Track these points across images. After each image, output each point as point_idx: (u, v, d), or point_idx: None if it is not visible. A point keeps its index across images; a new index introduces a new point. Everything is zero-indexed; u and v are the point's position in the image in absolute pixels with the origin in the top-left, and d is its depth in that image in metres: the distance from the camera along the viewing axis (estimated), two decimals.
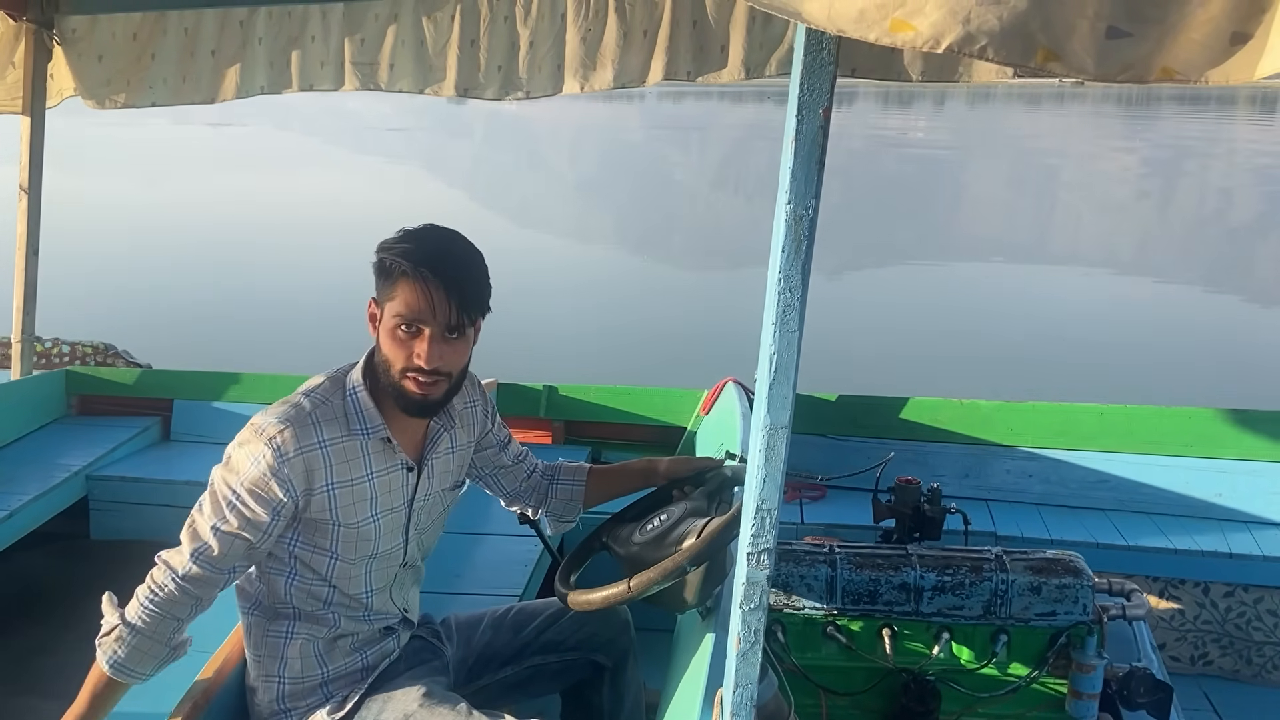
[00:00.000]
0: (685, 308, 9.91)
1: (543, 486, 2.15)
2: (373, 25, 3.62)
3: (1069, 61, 0.92)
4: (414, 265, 1.63)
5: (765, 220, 4.84)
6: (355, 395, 1.75)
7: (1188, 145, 32.33)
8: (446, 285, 1.64)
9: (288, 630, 1.83)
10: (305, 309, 9.08)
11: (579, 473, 2.16)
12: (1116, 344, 8.57)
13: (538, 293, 10.07)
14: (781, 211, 1.16)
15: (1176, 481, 3.57)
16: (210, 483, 1.73)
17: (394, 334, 1.67)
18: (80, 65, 3.87)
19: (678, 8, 3.43)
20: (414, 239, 1.68)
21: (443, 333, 1.67)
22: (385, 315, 1.69)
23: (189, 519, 1.73)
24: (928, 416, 3.73)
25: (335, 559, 1.78)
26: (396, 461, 1.80)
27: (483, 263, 1.73)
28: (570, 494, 2.15)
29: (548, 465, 2.18)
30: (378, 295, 1.71)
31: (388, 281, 1.67)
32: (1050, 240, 15.17)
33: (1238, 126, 43.76)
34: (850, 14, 0.94)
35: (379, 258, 1.69)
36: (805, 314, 1.21)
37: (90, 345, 4.88)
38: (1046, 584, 2.14)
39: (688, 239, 15.39)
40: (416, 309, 1.65)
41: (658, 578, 1.69)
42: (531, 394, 3.98)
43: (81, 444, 3.92)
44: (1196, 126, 41.89)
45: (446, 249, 1.69)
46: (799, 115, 1.13)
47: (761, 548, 1.31)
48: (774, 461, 1.27)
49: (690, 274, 12.34)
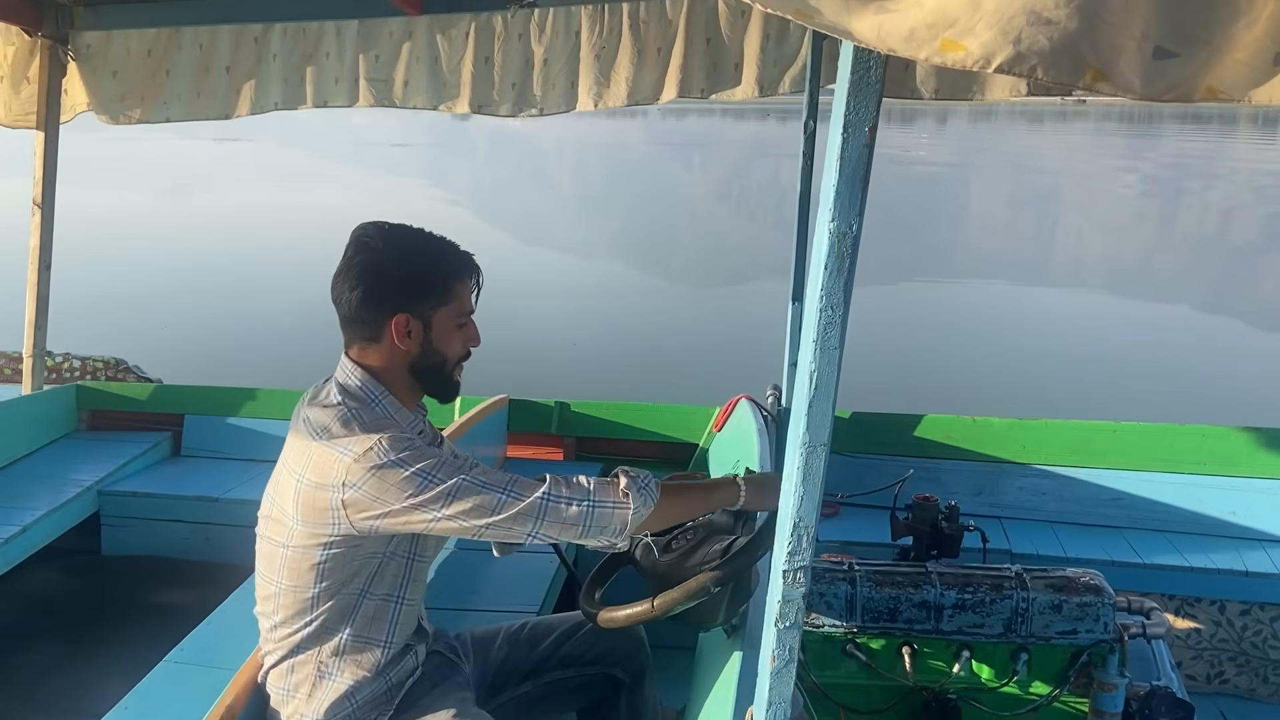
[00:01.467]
0: (692, 323, 9.91)
1: None
2: (387, 42, 3.63)
3: (1117, 81, 0.93)
4: (461, 268, 1.76)
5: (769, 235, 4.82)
6: (382, 403, 1.75)
7: (1190, 164, 32.41)
8: (476, 276, 1.81)
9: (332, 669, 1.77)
10: (316, 324, 9.06)
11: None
12: (1122, 360, 8.56)
13: (547, 308, 10.10)
14: (824, 229, 1.16)
15: (1191, 499, 3.56)
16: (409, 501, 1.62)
17: (454, 332, 1.78)
18: (94, 81, 3.88)
19: (692, 26, 3.44)
20: (434, 248, 1.77)
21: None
22: (441, 319, 1.76)
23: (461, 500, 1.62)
24: (940, 434, 3.72)
25: (412, 561, 1.80)
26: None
27: None
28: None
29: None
30: (416, 308, 1.74)
31: (432, 290, 1.74)
32: (1054, 258, 15.18)
33: (1239, 145, 43.85)
34: (900, 33, 0.95)
35: (415, 272, 1.74)
36: (846, 332, 1.21)
37: (101, 360, 4.88)
38: (1067, 602, 2.14)
39: (693, 254, 15.40)
40: (470, 302, 1.79)
41: (681, 597, 1.68)
42: (543, 410, 3.98)
43: (92, 459, 3.92)
44: (1199, 145, 41.98)
45: (463, 251, 1.80)
46: (845, 133, 1.13)
47: (798, 565, 1.30)
48: (812, 479, 1.26)
49: (696, 289, 12.35)
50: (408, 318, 1.73)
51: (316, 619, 1.74)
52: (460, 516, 1.62)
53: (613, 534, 1.68)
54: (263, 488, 1.80)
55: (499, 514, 1.63)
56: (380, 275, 1.72)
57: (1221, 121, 60.91)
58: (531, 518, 1.64)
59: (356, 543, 1.69)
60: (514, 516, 1.63)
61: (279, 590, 1.74)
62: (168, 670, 2.28)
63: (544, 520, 1.64)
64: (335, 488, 1.63)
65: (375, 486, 1.61)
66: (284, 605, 1.75)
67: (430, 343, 1.76)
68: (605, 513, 1.66)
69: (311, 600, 1.73)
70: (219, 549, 3.64)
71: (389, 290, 1.72)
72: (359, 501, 1.62)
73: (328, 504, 1.64)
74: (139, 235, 15.05)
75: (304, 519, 1.67)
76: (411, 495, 1.61)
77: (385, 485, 1.61)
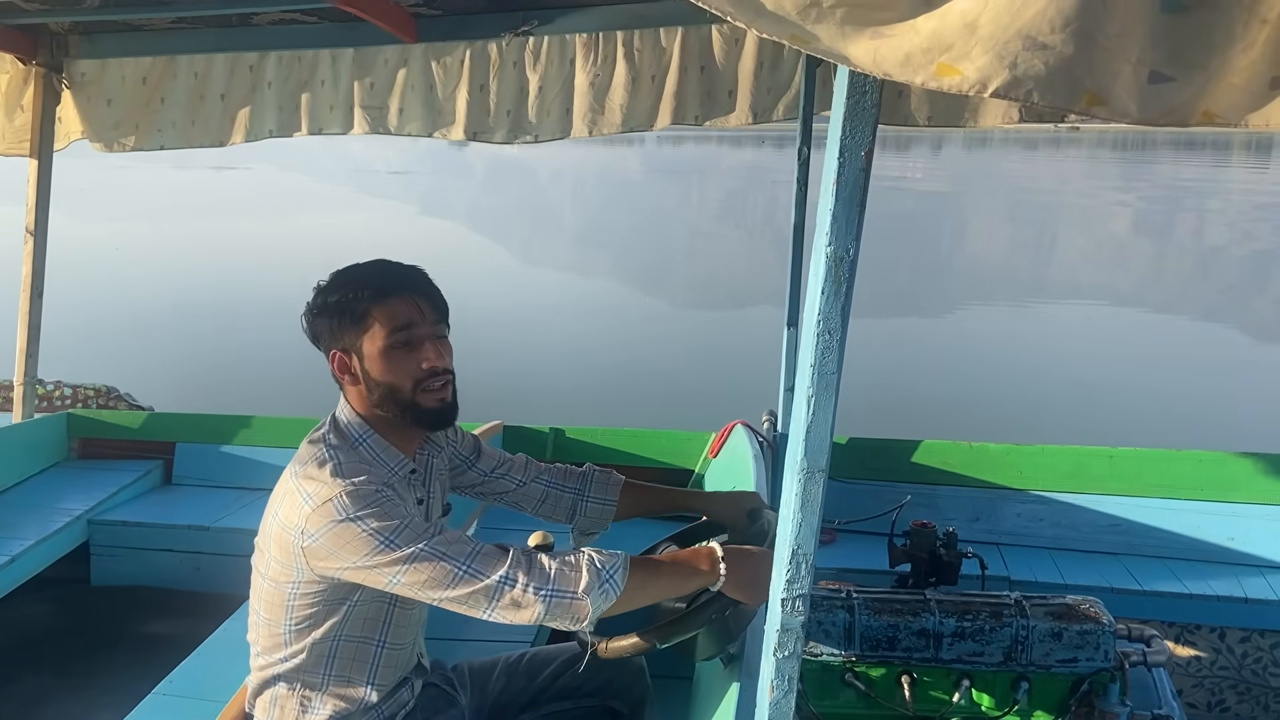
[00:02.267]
0: (688, 348, 9.90)
1: (566, 499, 2.06)
2: (382, 69, 3.64)
3: (1113, 105, 0.94)
4: (377, 290, 1.67)
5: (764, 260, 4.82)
6: (366, 442, 1.71)
7: (1185, 189, 32.62)
8: (418, 289, 1.69)
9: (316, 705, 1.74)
10: (309, 352, 9.05)
11: (611, 489, 2.08)
12: (1121, 387, 8.56)
13: (542, 333, 10.09)
14: (821, 253, 1.16)
15: (1188, 525, 3.55)
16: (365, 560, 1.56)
17: (391, 355, 1.67)
18: (89, 109, 3.88)
19: (686, 53, 3.45)
20: (354, 275, 1.71)
21: (434, 333, 1.70)
22: (369, 347, 1.67)
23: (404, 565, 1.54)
24: (937, 459, 3.71)
25: (394, 606, 1.73)
26: (414, 495, 1.78)
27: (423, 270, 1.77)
28: (600, 512, 2.06)
29: (571, 471, 2.09)
30: (344, 343, 1.70)
31: (354, 319, 1.67)
32: (1049, 283, 15.22)
33: (1233, 171, 44.17)
34: (896, 58, 0.95)
35: (331, 305, 1.69)
36: (844, 356, 1.20)
37: (92, 388, 4.86)
38: (1068, 629, 2.12)
39: (689, 279, 15.43)
40: (407, 318, 1.67)
41: (682, 629, 1.66)
42: (538, 436, 3.96)
43: (83, 488, 3.89)
44: (1193, 171, 42.28)
45: (389, 268, 1.72)
46: (841, 158, 1.13)
47: (796, 594, 1.29)
48: (810, 506, 1.25)
49: (691, 314, 12.35)
50: (337, 354, 1.71)
51: (294, 655, 1.71)
52: (415, 586, 1.56)
53: (572, 623, 1.59)
54: (254, 516, 1.77)
55: (454, 588, 1.55)
56: (311, 317, 1.72)
57: (1215, 148, 61.39)
58: (487, 599, 1.55)
59: (322, 586, 1.64)
60: (470, 594, 1.55)
61: (259, 621, 1.73)
62: (156, 702, 2.25)
63: (497, 604, 1.55)
64: (296, 533, 1.59)
65: (332, 540, 1.56)
66: (263, 636, 1.73)
67: (368, 374, 1.69)
68: (564, 604, 1.56)
69: (286, 636, 1.70)
70: (210, 579, 3.61)
71: (318, 330, 1.72)
72: (317, 551, 1.58)
73: (290, 547, 1.60)
74: (134, 263, 15.04)
75: (276, 556, 1.65)
76: (367, 555, 1.54)
77: (342, 541, 1.55)
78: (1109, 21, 0.91)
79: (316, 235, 18.89)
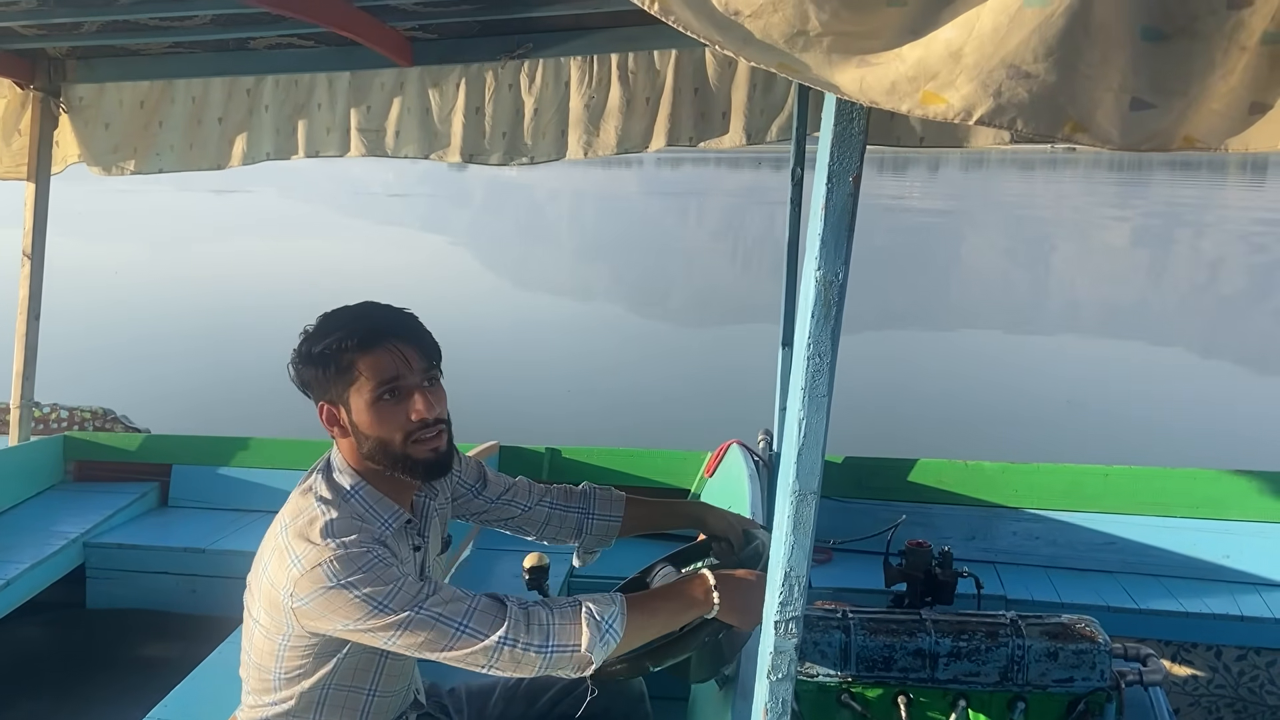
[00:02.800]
0: (684, 367, 9.91)
1: (570, 519, 2.05)
2: (379, 93, 3.67)
3: (1095, 133, 0.95)
4: (362, 339, 1.61)
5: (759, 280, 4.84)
6: (359, 495, 1.66)
7: (1181, 210, 32.74)
8: (402, 338, 1.63)
9: None
10: None
11: (614, 506, 2.07)
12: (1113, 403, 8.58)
13: (538, 354, 10.10)
14: (810, 277, 1.17)
15: (1184, 543, 3.55)
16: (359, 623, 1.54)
17: (379, 408, 1.62)
18: (86, 133, 3.91)
19: (680, 76, 3.48)
20: (339, 323, 1.65)
21: (424, 382, 1.64)
22: (356, 400, 1.63)
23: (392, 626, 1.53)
24: (932, 478, 3.71)
25: (385, 657, 1.70)
26: (409, 545, 1.74)
27: (411, 313, 1.71)
28: (605, 529, 2.06)
29: (571, 490, 2.08)
30: (331, 395, 1.65)
31: (340, 370, 1.62)
32: (1045, 303, 15.26)
33: (1228, 191, 44.37)
34: (882, 86, 0.97)
35: (315, 356, 1.64)
36: (835, 379, 1.21)
37: (89, 410, 4.85)
38: (1063, 649, 2.12)
39: (685, 299, 15.46)
40: (393, 369, 1.61)
41: (677, 651, 1.66)
42: (534, 456, 3.96)
43: (79, 510, 3.88)
44: (1189, 191, 42.46)
45: (375, 313, 1.67)
46: (829, 183, 1.14)
47: (789, 616, 1.29)
48: (803, 528, 1.26)
49: (687, 333, 12.37)
50: (325, 406, 1.67)
51: (283, 700, 1.69)
52: (412, 647, 1.55)
53: (574, 673, 1.60)
54: (252, 539, 1.74)
55: (453, 649, 1.54)
56: (298, 368, 1.67)
57: (1211, 169, 61.65)
58: (485, 657, 1.55)
59: (313, 641, 1.62)
60: (468, 654, 1.54)
61: (250, 662, 1.71)
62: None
63: (498, 660, 1.55)
64: (286, 594, 1.56)
65: (322, 605, 1.54)
66: (253, 678, 1.71)
67: (357, 427, 1.64)
68: (564, 657, 1.56)
69: (275, 683, 1.68)
70: (206, 601, 3.60)
71: (305, 379, 1.67)
72: (307, 613, 1.56)
73: (280, 605, 1.58)
74: (131, 285, 15.06)
75: (266, 609, 1.62)
76: (360, 619, 1.53)
77: (332, 606, 1.53)
78: (1090, 50, 0.93)
79: (315, 258, 18.94)
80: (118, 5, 3.01)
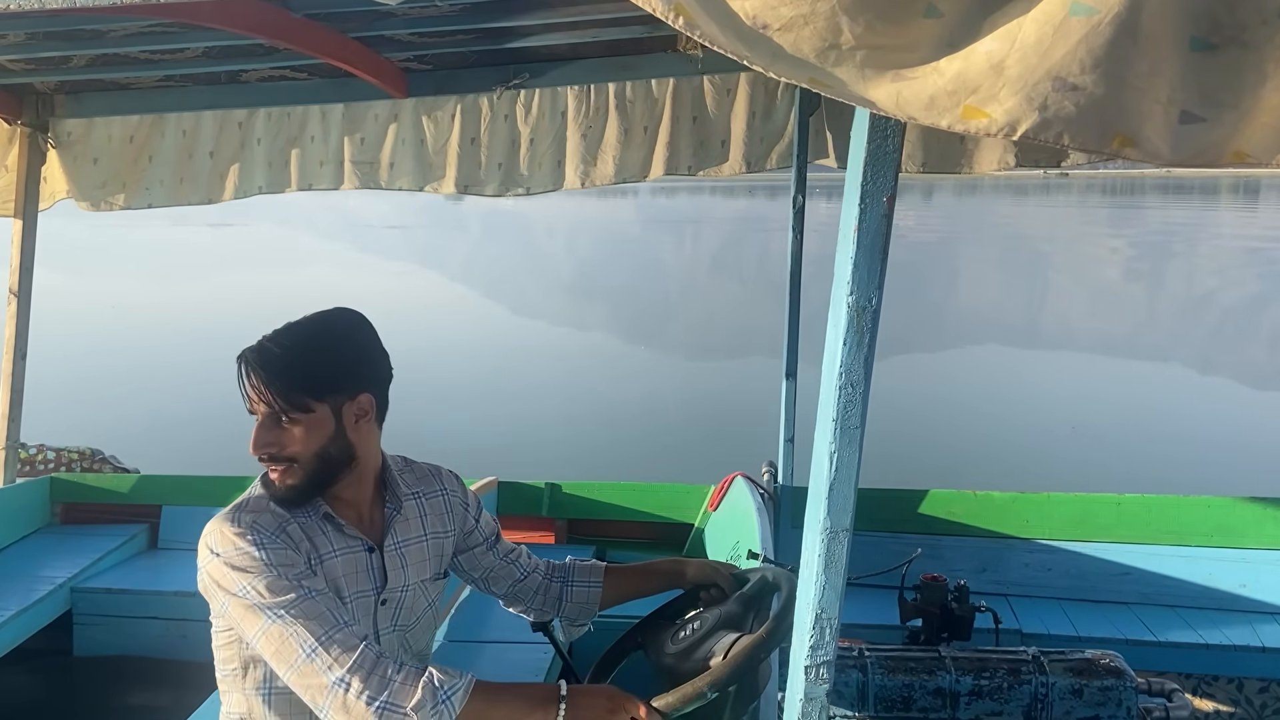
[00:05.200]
0: (683, 399, 9.84)
1: (553, 589, 2.02)
2: (373, 125, 3.62)
3: (1144, 147, 0.92)
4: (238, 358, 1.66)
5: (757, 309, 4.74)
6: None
7: (1176, 232, 32.93)
8: (251, 367, 1.64)
9: None
10: None
11: (594, 572, 2.04)
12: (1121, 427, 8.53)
13: (537, 386, 10.02)
14: (842, 303, 1.11)
15: (1200, 573, 3.47)
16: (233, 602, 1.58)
17: None
18: (75, 168, 3.85)
19: (678, 104, 3.44)
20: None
21: (268, 419, 1.65)
22: None
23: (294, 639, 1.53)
24: (942, 509, 3.64)
25: None
26: (356, 541, 1.73)
27: (318, 343, 1.67)
28: (585, 596, 2.02)
29: (555, 564, 2.06)
30: None
31: None
32: (1046, 328, 15.26)
33: (1221, 214, 44.66)
34: (920, 101, 0.93)
35: None
36: (868, 410, 1.15)
37: (76, 451, 4.76)
38: (1088, 686, 2.07)
39: (683, 330, 15.43)
40: (244, 399, 1.66)
41: (677, 703, 1.57)
42: (533, 492, 3.88)
43: (66, 554, 3.78)
44: (1181, 214, 42.73)
45: (267, 338, 1.67)
46: (862, 204, 1.09)
47: (821, 660, 1.22)
48: (834, 566, 1.20)
49: (685, 365, 12.32)
50: None
51: (237, 705, 1.72)
52: (271, 657, 1.56)
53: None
54: None
55: (297, 671, 1.53)
56: None
57: (1203, 192, 62.06)
58: (323, 695, 1.51)
59: (226, 625, 1.66)
60: (309, 685, 1.52)
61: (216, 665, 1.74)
62: None
63: (331, 703, 1.51)
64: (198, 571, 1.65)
65: (207, 579, 1.63)
66: (220, 680, 1.74)
67: None
68: (394, 717, 1.51)
69: (226, 684, 1.72)
70: (198, 647, 3.46)
71: None
72: (206, 588, 1.63)
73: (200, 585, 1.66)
74: (123, 321, 15.00)
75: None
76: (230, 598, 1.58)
77: (214, 578, 1.61)
78: (1139, 61, 0.90)
79: (309, 292, 18.91)
80: (108, 39, 2.96)
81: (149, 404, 9.43)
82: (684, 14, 0.96)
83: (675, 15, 0.96)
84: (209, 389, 9.89)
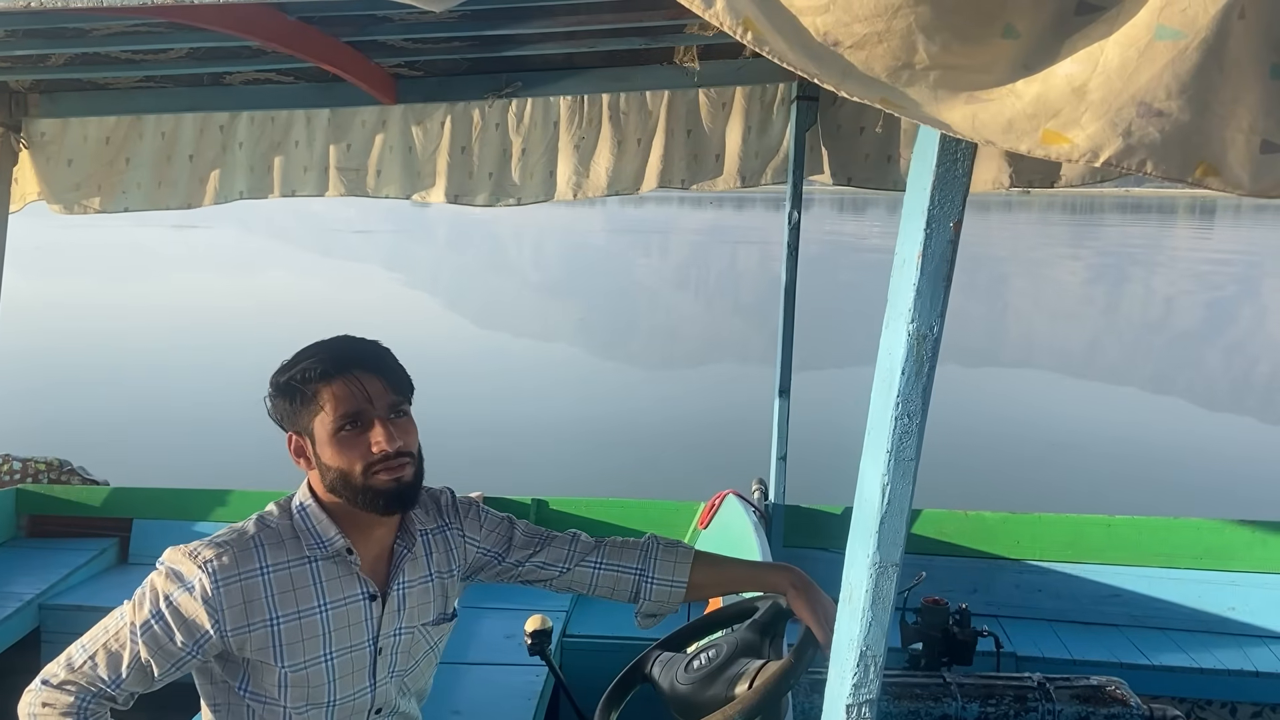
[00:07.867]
0: (669, 414, 9.78)
1: (627, 580, 1.82)
2: (359, 131, 3.54)
3: (1227, 176, 0.88)
4: (326, 370, 1.58)
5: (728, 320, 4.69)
6: (304, 511, 1.63)
7: (1135, 251, 33.47)
8: (368, 369, 1.59)
9: None
10: None
11: (678, 566, 1.82)
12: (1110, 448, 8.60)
13: (520, 401, 9.93)
14: (903, 331, 1.07)
15: (1189, 595, 3.48)
16: (131, 602, 1.61)
17: (339, 439, 1.57)
18: (48, 169, 3.71)
19: (672, 117, 3.40)
20: (307, 356, 1.62)
21: (388, 414, 1.59)
22: (320, 430, 1.59)
23: (91, 635, 1.63)
24: (933, 529, 3.62)
25: (285, 710, 1.61)
26: (357, 591, 1.64)
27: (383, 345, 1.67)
28: (666, 594, 1.82)
29: (632, 544, 1.86)
30: (297, 426, 1.62)
31: (304, 402, 1.59)
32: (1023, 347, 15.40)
33: (1178, 232, 45.49)
34: (998, 124, 0.90)
35: (282, 386, 1.61)
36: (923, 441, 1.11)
37: (43, 462, 4.60)
38: (1095, 713, 2.06)
39: (665, 343, 15.39)
40: (354, 402, 1.57)
41: None
42: (519, 509, 3.81)
43: (33, 569, 3.65)
44: (1139, 231, 43.45)
45: (343, 345, 1.63)
46: (928, 229, 1.05)
47: (864, 699, 1.17)
48: (882, 602, 1.15)
49: (670, 380, 12.27)
50: (293, 437, 1.64)
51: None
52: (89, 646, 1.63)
53: None
54: None
55: (59, 669, 1.61)
56: (271, 399, 1.65)
57: (1161, 211, 63.18)
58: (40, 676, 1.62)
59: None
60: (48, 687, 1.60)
61: None
62: None
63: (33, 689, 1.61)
64: None
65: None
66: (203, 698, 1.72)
67: (320, 458, 1.60)
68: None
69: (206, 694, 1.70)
70: None
71: (277, 411, 1.64)
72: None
73: None
74: (89, 327, 14.71)
75: None
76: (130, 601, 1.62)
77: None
78: (1224, 88, 0.87)
79: (279, 297, 18.68)
80: (90, 38, 2.86)
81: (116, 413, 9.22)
82: (752, 29, 0.92)
83: (744, 30, 0.93)
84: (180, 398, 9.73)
